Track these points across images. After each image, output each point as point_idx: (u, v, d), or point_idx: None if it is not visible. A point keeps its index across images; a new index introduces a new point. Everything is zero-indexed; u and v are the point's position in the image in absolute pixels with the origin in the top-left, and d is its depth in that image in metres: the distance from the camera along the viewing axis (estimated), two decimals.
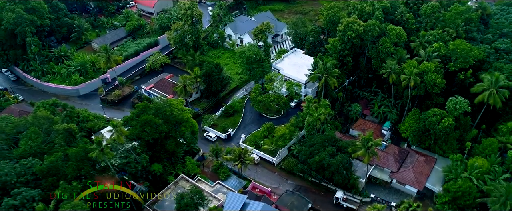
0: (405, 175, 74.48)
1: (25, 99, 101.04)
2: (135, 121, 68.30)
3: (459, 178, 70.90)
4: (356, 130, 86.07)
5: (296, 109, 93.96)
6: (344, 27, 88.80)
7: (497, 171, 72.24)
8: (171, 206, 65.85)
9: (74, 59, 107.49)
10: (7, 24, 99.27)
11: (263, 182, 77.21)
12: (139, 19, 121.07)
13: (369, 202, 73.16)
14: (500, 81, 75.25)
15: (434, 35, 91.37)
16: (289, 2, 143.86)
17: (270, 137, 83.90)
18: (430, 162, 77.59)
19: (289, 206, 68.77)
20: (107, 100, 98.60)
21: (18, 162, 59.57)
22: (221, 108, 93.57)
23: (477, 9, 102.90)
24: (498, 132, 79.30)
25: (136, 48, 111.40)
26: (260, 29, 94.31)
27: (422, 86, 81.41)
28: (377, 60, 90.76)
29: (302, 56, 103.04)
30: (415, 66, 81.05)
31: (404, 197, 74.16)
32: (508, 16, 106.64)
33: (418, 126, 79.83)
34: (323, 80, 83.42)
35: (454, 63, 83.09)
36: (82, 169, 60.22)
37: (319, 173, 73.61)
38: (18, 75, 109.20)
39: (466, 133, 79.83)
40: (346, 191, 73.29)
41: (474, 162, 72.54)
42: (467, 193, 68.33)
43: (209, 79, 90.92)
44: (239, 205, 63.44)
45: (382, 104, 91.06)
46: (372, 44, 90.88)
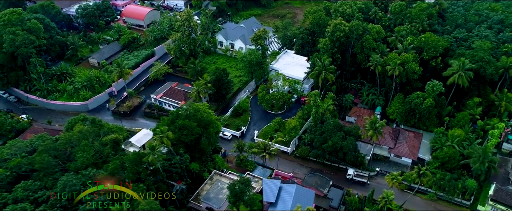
0: (401, 149, 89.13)
1: (34, 119, 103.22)
2: (173, 126, 75.98)
3: (444, 147, 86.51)
4: (352, 117, 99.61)
5: (296, 103, 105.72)
6: (332, 28, 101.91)
7: (471, 138, 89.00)
8: (216, 198, 74.68)
9: (76, 76, 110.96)
10: (8, 47, 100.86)
11: (283, 170, 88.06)
12: (132, 32, 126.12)
13: (375, 175, 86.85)
14: (466, 65, 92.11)
15: (405, 30, 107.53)
16: (266, 6, 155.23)
17: (282, 129, 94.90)
18: (418, 136, 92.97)
19: (313, 185, 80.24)
20: (119, 112, 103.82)
21: (79, 173, 65.26)
22: (231, 109, 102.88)
23: (435, 5, 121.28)
24: (466, 106, 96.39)
25: (136, 60, 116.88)
26: (259, 35, 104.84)
27: (404, 74, 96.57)
28: (361, 55, 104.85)
29: (293, 56, 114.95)
30: (397, 58, 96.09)
31: (402, 167, 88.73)
32: (458, 9, 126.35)
33: (404, 107, 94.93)
34: (322, 76, 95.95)
35: (427, 53, 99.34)
36: (140, 173, 67.31)
37: (332, 155, 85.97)
38: (18, 96, 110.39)
39: (443, 110, 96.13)
40: (356, 168, 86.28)
41: (453, 133, 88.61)
42: (452, 157, 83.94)
43: (219, 84, 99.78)
44: (276, 188, 73.88)
45: (369, 92, 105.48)
46: (356, 41, 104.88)
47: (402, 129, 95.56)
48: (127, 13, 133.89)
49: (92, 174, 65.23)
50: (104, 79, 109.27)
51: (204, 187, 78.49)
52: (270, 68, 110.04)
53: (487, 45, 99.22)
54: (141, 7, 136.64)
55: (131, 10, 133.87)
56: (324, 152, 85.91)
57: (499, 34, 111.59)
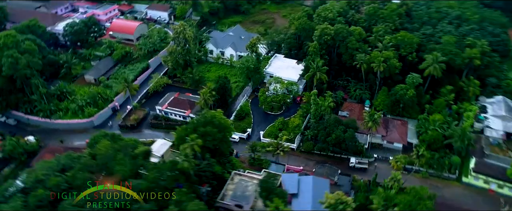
0: (393, 136, 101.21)
1: (41, 140, 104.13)
2: (196, 133, 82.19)
3: (428, 131, 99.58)
4: (345, 111, 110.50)
5: (293, 103, 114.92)
6: (319, 32, 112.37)
7: (449, 121, 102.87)
8: (243, 195, 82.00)
9: (76, 93, 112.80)
10: (8, 70, 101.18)
11: (292, 164, 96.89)
12: (123, 47, 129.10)
13: (373, 161, 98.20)
14: (439, 58, 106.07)
15: (382, 30, 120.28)
16: (245, 13, 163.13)
17: (285, 128, 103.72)
18: (405, 124, 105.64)
19: (324, 175, 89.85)
20: (127, 125, 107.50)
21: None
22: (233, 113, 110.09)
23: (402, 5, 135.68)
24: (441, 94, 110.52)
25: (134, 74, 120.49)
26: (253, 43, 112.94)
27: (387, 70, 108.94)
28: (346, 55, 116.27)
29: (283, 60, 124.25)
30: (380, 56, 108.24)
31: (395, 152, 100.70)
32: (422, 8, 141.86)
33: (390, 99, 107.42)
34: (317, 76, 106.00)
35: (404, 49, 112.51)
36: (178, 179, 73.16)
37: (336, 147, 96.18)
38: (18, 118, 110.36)
39: (422, 99, 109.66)
40: (357, 156, 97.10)
41: (434, 118, 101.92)
42: (436, 139, 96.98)
43: (223, 91, 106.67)
44: (295, 181, 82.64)
45: (356, 88, 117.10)
46: (341, 42, 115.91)
47: (390, 118, 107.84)
48: (115, 27, 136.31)
49: (135, 184, 70.19)
50: (106, 95, 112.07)
51: (227, 187, 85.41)
52: (264, 72, 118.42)
53: (452, 40, 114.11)
54: (128, 21, 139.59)
55: (119, 25, 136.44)
56: (329, 144, 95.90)
57: (458, 28, 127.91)
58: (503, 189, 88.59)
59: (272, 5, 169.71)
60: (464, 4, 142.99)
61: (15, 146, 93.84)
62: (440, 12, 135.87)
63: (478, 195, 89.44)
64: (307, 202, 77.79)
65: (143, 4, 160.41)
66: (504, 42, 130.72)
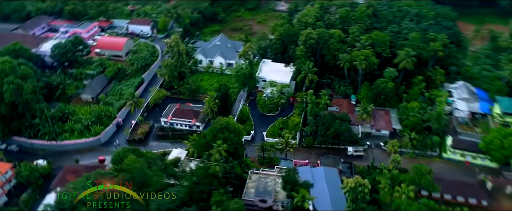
0: (380, 125, 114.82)
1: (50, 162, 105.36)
2: (216, 139, 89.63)
3: (409, 117, 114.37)
4: (334, 106, 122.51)
5: (287, 104, 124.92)
6: (305, 37, 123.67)
7: (425, 107, 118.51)
8: (265, 191, 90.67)
9: (78, 113, 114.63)
10: (10, 97, 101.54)
11: (298, 159, 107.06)
12: (115, 63, 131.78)
13: (367, 148, 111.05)
14: (410, 53, 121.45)
15: (357, 30, 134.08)
16: (222, 22, 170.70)
17: (286, 127, 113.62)
18: (387, 113, 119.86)
19: (330, 165, 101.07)
20: (135, 139, 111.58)
21: (163, 193, 75.86)
22: (235, 117, 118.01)
23: (369, 7, 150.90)
24: (414, 84, 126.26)
25: (131, 89, 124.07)
26: (246, 51, 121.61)
27: (367, 67, 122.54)
28: (329, 56, 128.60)
29: (272, 64, 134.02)
30: (361, 54, 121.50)
31: (383, 138, 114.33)
32: (384, 8, 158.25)
33: (372, 92, 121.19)
34: (309, 77, 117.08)
35: (379, 47, 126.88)
36: (212, 182, 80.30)
37: (334, 139, 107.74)
38: (20, 144, 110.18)
39: (399, 89, 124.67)
40: (353, 145, 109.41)
41: (412, 105, 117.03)
42: (417, 123, 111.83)
43: (225, 98, 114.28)
44: (309, 172, 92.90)
45: (340, 85, 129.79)
46: (324, 45, 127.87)
47: (374, 109, 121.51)
48: (102, 45, 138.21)
49: (176, 191, 76.56)
50: (108, 112, 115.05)
51: (248, 185, 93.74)
52: (257, 77, 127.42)
53: (418, 36, 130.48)
54: (115, 38, 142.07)
55: (106, 42, 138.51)
56: (328, 137, 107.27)
57: (418, 24, 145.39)
58: (477, 160, 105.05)
59: (246, 12, 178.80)
60: (420, 2, 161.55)
61: (32, 170, 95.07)
62: (402, 11, 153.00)
63: (457, 167, 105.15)
64: (323, 190, 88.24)
65: (121, 19, 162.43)
66: (456, 34, 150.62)
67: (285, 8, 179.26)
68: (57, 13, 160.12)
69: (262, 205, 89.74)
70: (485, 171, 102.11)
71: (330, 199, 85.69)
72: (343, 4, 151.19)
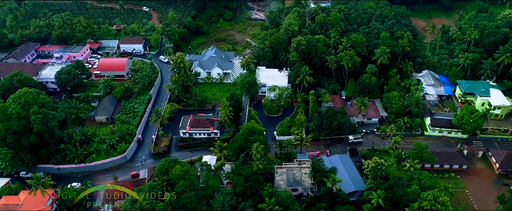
0: (371, 114, 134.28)
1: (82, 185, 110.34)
2: (248, 142, 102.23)
3: (393, 105, 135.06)
4: (328, 103, 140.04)
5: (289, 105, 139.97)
6: (296, 44, 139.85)
7: (402, 95, 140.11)
8: (295, 181, 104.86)
9: (98, 135, 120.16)
10: (39, 126, 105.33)
11: (309, 151, 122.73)
12: (121, 84, 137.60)
13: (363, 135, 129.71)
14: (386, 50, 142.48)
15: (336, 34, 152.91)
16: (206, 34, 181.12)
17: (293, 124, 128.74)
18: (374, 103, 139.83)
19: (339, 152, 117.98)
20: (159, 152, 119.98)
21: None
22: (245, 121, 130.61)
23: (339, 11, 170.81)
24: (389, 76, 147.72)
25: (143, 106, 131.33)
26: (248, 61, 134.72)
27: (352, 65, 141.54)
28: (317, 58, 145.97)
29: (266, 70, 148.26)
30: (346, 55, 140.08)
31: (374, 125, 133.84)
32: (352, 10, 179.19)
33: (359, 87, 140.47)
34: (307, 79, 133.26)
35: (359, 47, 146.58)
36: (258, 179, 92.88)
37: (337, 130, 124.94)
38: (46, 171, 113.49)
39: (379, 82, 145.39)
40: (352, 134, 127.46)
41: (393, 94, 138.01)
42: (400, 109, 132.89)
43: (237, 105, 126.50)
44: (327, 160, 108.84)
45: (329, 83, 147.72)
46: (312, 49, 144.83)
47: None
48: (104, 66, 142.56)
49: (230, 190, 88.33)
50: (129, 131, 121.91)
51: (277, 178, 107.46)
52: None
53: (388, 34, 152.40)
54: (116, 59, 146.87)
55: (106, 63, 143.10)
56: (332, 130, 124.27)
57: (383, 24, 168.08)
58: (452, 134, 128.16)
59: (225, 23, 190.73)
60: (379, 4, 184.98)
61: (75, 193, 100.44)
62: (367, 13, 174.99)
63: (437, 141, 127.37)
64: (343, 173, 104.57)
65: (109, 40, 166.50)
66: (413, 29, 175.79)
67: (261, 16, 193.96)
68: (43, 39, 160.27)
69: (293, 193, 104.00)
70: (458, 142, 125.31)
71: (351, 181, 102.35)
72: (315, 11, 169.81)
